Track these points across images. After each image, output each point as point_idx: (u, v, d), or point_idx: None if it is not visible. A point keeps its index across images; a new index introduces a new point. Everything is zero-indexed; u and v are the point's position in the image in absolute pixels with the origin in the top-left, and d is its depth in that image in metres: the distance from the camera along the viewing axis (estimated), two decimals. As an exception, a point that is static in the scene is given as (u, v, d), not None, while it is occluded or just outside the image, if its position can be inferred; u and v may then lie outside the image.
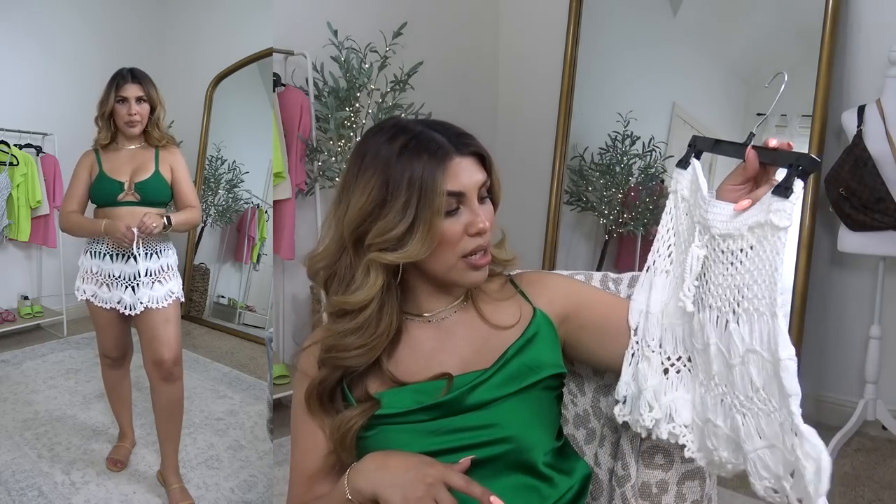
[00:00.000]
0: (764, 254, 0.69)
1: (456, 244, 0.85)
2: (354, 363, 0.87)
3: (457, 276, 0.87)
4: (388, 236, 0.82)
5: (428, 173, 0.81)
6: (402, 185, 0.81)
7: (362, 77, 2.60)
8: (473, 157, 0.86)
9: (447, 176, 0.82)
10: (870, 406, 2.34)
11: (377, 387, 0.89)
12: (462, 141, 0.86)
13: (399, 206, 0.81)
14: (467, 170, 0.84)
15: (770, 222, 0.68)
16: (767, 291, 0.68)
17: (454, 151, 0.84)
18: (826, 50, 2.41)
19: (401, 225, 0.81)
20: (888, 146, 2.17)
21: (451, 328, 0.93)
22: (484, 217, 0.85)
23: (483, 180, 0.86)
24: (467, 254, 0.85)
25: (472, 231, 0.84)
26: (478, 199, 0.86)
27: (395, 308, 0.88)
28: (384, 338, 0.87)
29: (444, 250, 0.85)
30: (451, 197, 0.83)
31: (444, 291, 0.93)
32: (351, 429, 0.87)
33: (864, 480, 2.17)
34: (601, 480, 1.03)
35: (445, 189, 0.82)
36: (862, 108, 2.24)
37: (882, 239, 2.22)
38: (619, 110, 2.99)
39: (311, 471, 0.91)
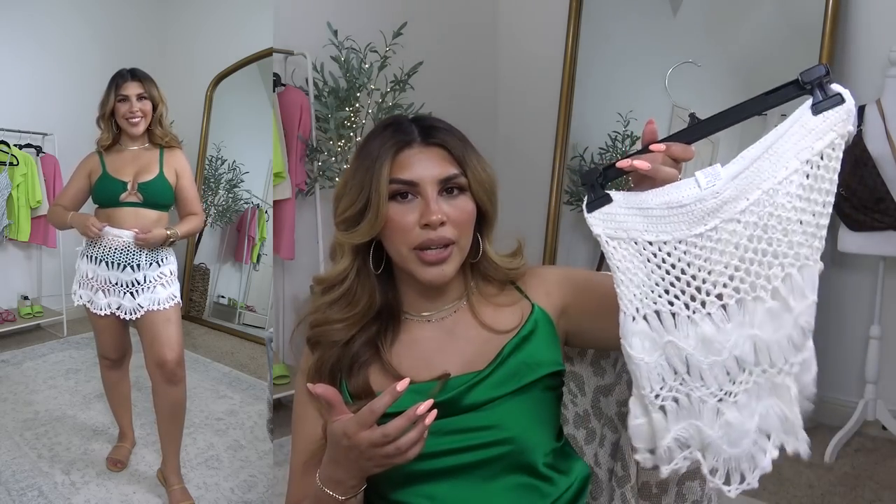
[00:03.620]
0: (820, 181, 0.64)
1: (405, 233, 0.85)
2: (338, 336, 0.89)
3: (413, 269, 0.87)
4: (345, 216, 0.87)
5: (379, 159, 0.84)
6: (360, 168, 0.86)
7: (362, 77, 2.60)
8: (441, 149, 0.87)
9: (399, 162, 0.85)
10: (870, 406, 2.34)
11: (379, 383, 0.89)
12: (428, 133, 0.87)
13: (356, 186, 0.86)
14: (426, 160, 0.85)
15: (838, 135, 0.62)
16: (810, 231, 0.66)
17: (416, 141, 0.86)
18: (826, 50, 2.41)
19: (355, 205, 0.86)
20: (888, 146, 2.17)
21: (452, 328, 0.92)
22: (442, 211, 0.84)
23: (445, 174, 0.85)
24: (417, 246, 0.85)
25: (421, 222, 0.84)
26: (441, 192, 0.85)
27: (373, 290, 0.90)
28: (364, 314, 0.90)
29: (395, 238, 0.85)
30: (401, 184, 0.84)
31: (434, 292, 0.92)
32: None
33: (864, 480, 2.17)
34: (601, 480, 1.03)
35: (392, 175, 0.84)
36: (862, 108, 2.24)
37: (882, 239, 2.22)
38: (619, 110, 2.99)
39: (308, 454, 0.90)
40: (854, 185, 2.20)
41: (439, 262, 0.85)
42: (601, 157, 3.06)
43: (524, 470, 0.87)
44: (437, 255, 0.85)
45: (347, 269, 0.89)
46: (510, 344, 0.89)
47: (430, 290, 0.92)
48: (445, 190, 0.86)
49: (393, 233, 0.85)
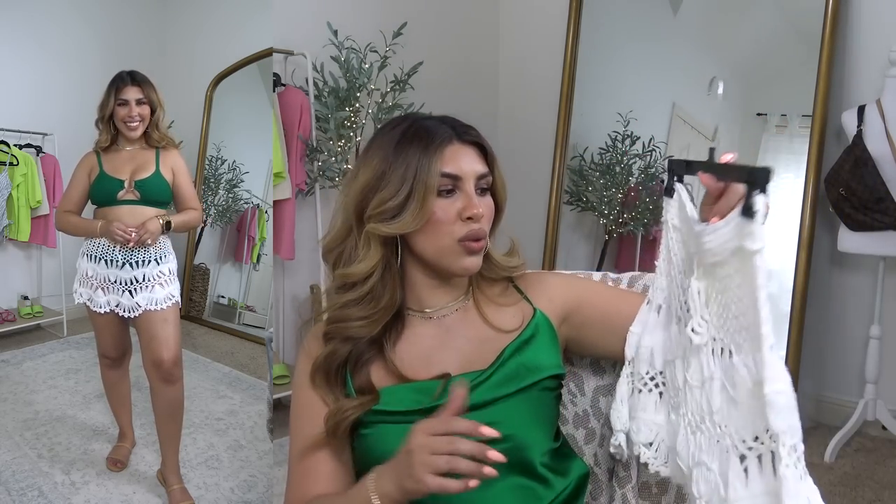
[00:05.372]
0: (744, 280, 0.64)
1: (448, 226, 0.86)
2: (359, 333, 0.89)
3: (449, 262, 0.88)
4: (385, 207, 0.86)
5: (426, 152, 0.86)
6: (402, 161, 0.86)
7: (362, 77, 2.60)
8: (474, 147, 0.90)
9: (444, 157, 0.86)
10: (870, 406, 2.34)
11: (380, 378, 0.89)
12: (465, 130, 0.90)
13: (397, 178, 0.86)
14: (466, 157, 0.88)
15: (743, 247, 0.63)
16: (752, 320, 0.62)
17: (455, 137, 0.88)
18: (826, 50, 2.41)
19: (397, 196, 0.85)
20: (888, 146, 2.17)
21: (452, 326, 0.93)
22: (480, 206, 0.87)
23: (483, 172, 0.89)
24: (461, 238, 0.87)
25: (465, 215, 0.86)
26: (476, 191, 0.88)
27: (396, 286, 0.90)
28: (386, 312, 0.89)
29: (437, 230, 0.86)
30: (447, 178, 0.86)
31: (445, 286, 0.93)
32: (346, 419, 0.86)
33: (864, 480, 2.17)
34: (601, 480, 1.03)
35: (441, 169, 0.86)
36: (862, 108, 2.25)
37: (882, 239, 2.22)
38: (619, 110, 2.99)
39: (309, 439, 0.89)
40: (854, 185, 2.20)
41: (479, 251, 0.88)
42: (601, 157, 3.06)
43: (521, 470, 0.87)
44: (478, 243, 0.88)
45: (375, 265, 0.88)
46: (511, 346, 0.89)
47: (441, 285, 0.93)
48: (479, 187, 0.89)
49: (437, 225, 0.86)
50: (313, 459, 0.89)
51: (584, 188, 3.11)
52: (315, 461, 0.89)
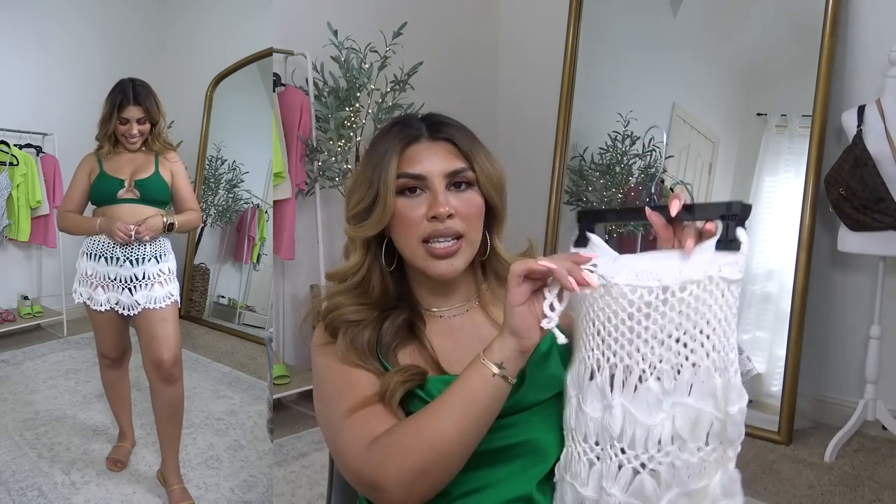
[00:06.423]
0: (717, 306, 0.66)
1: (414, 227, 0.85)
2: (355, 316, 0.89)
3: (421, 264, 0.86)
4: (355, 210, 0.88)
5: (388, 154, 0.86)
6: (370, 164, 0.87)
7: (362, 77, 2.60)
8: (449, 144, 0.88)
9: (406, 157, 0.86)
10: (870, 406, 2.34)
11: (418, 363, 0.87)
12: (436, 128, 0.89)
13: (366, 181, 0.87)
14: (434, 155, 0.87)
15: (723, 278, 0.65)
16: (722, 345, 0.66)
17: (424, 136, 0.88)
18: (826, 50, 2.41)
19: (365, 199, 0.87)
20: (888, 146, 2.17)
21: (462, 327, 0.92)
22: (450, 204, 0.84)
23: (454, 169, 0.86)
24: (425, 238, 0.85)
25: (429, 214, 0.85)
26: (449, 187, 0.86)
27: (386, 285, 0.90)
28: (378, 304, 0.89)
29: (404, 232, 0.86)
30: (409, 178, 0.85)
31: (444, 287, 0.92)
32: (396, 390, 0.82)
33: (864, 480, 2.17)
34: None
35: (401, 169, 0.85)
36: (862, 108, 2.24)
37: (882, 239, 2.22)
38: (619, 110, 2.99)
39: (359, 398, 0.83)
40: (854, 185, 2.20)
41: (448, 256, 0.85)
42: (601, 157, 3.06)
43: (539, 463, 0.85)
44: (446, 248, 0.85)
45: (360, 264, 0.89)
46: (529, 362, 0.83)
47: (440, 287, 0.92)
48: (454, 184, 0.87)
49: (401, 226, 0.86)
50: (368, 410, 0.82)
51: (584, 188, 3.11)
52: (371, 410, 0.82)
